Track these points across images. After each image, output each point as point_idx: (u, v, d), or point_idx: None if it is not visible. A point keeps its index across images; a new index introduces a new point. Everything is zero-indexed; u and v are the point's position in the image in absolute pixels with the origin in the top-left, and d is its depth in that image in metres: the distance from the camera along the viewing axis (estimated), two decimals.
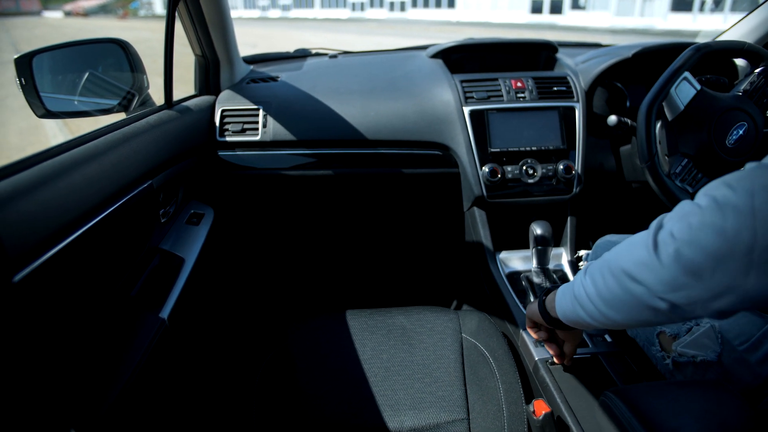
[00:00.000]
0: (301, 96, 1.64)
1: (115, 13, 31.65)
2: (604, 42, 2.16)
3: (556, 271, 1.48)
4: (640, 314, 0.70)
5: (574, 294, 0.83)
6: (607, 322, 0.76)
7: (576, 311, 0.82)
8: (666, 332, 1.02)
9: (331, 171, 1.62)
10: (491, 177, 1.48)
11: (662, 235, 0.66)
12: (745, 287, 0.58)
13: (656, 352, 1.03)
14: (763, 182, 0.58)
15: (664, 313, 0.67)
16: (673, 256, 0.63)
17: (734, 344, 0.93)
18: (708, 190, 0.63)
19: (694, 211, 0.63)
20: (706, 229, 0.60)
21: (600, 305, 0.75)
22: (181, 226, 1.44)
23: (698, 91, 1.27)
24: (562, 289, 0.89)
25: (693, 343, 0.97)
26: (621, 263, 0.72)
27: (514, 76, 1.61)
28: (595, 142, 1.63)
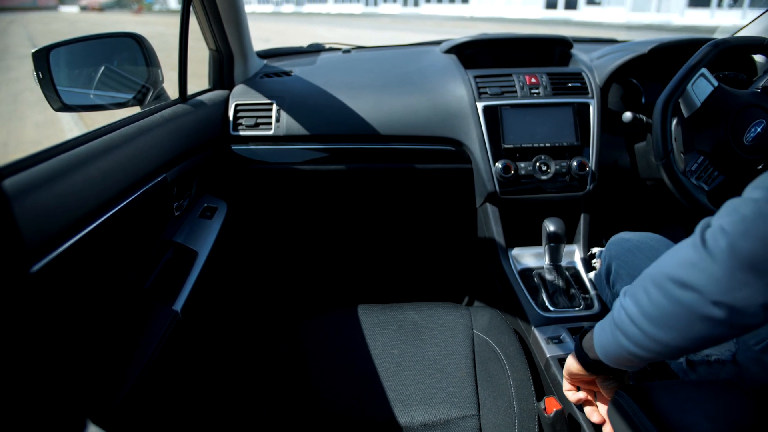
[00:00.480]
0: (315, 91, 1.64)
1: (129, 8, 31.86)
2: (620, 38, 2.14)
3: (568, 269, 1.47)
4: (693, 328, 0.61)
5: (614, 321, 0.72)
6: (656, 348, 0.66)
7: (618, 341, 0.71)
8: None
9: (343, 166, 1.62)
10: (504, 173, 1.48)
11: (711, 232, 0.59)
12: None
13: None
14: None
15: (723, 323, 0.58)
16: (727, 251, 0.56)
17: (750, 344, 0.92)
18: (760, 183, 0.58)
19: (746, 203, 0.58)
20: (765, 218, 0.54)
21: (645, 326, 0.66)
22: (194, 220, 1.45)
23: (716, 87, 1.26)
24: (600, 324, 0.78)
25: None
26: (665, 270, 0.64)
27: (528, 71, 1.60)
28: (609, 139, 1.62)
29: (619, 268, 1.19)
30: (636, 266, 1.15)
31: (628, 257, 1.18)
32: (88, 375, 0.90)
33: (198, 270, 1.26)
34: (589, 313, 1.32)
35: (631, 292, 0.70)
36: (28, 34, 23.33)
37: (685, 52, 1.47)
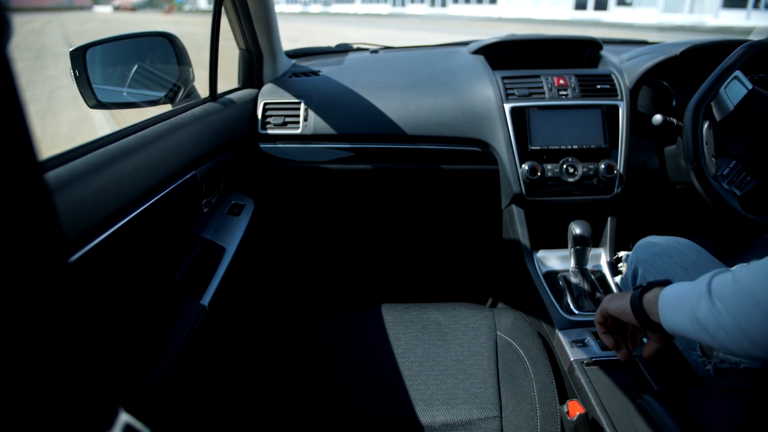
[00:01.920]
0: (342, 90, 1.65)
1: (160, 8, 32.44)
2: (651, 39, 2.10)
3: (594, 272, 1.46)
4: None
5: (696, 317, 0.70)
6: (741, 353, 0.66)
7: (698, 335, 0.70)
8: None
9: (370, 165, 1.63)
10: (531, 175, 1.47)
11: None
12: None
13: (697, 357, 1.01)
14: None
15: None
16: None
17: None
18: None
19: None
20: None
21: (741, 340, 0.64)
22: (222, 216, 1.47)
23: (750, 90, 1.23)
24: (673, 299, 0.76)
25: None
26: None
27: (557, 73, 1.58)
28: (638, 142, 1.60)
29: (646, 273, 1.18)
30: (663, 271, 1.14)
31: (656, 262, 1.16)
32: (121, 364, 0.92)
33: (225, 266, 1.28)
34: None
35: (725, 302, 0.67)
36: (64, 33, 23.90)
37: (719, 54, 1.44)
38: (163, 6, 32.29)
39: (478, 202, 1.73)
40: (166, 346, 1.00)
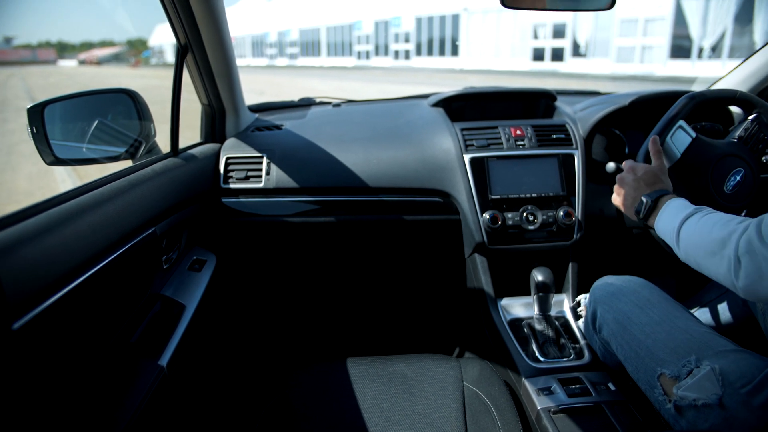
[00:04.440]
0: (305, 144, 1.67)
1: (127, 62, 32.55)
2: (604, 90, 2.20)
3: (558, 318, 1.48)
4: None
5: (677, 236, 0.99)
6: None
7: (672, 242, 1.00)
8: (667, 374, 1.01)
9: (333, 218, 1.63)
10: (492, 224, 1.49)
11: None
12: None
13: (658, 395, 1.02)
14: None
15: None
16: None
17: (736, 387, 0.91)
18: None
19: None
20: None
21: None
22: (183, 273, 1.45)
23: (694, 138, 1.29)
24: (670, 222, 1.03)
25: (694, 385, 0.95)
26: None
27: (514, 124, 1.64)
28: (595, 189, 1.65)
29: (604, 313, 1.20)
30: (620, 310, 1.16)
31: (613, 301, 1.19)
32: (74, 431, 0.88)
33: (185, 323, 1.25)
34: (579, 363, 1.31)
35: (684, 242, 0.97)
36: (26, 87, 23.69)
37: (665, 103, 1.51)
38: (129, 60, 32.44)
39: (441, 252, 1.74)
40: (121, 409, 0.96)
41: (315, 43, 33.73)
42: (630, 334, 1.13)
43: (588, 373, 1.28)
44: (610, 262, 1.85)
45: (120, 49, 33.98)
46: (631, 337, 1.12)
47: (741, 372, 0.93)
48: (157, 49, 28.38)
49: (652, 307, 1.14)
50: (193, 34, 1.40)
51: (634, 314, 1.14)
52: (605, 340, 1.21)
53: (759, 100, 1.34)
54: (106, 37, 41.63)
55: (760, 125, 1.32)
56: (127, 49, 30.56)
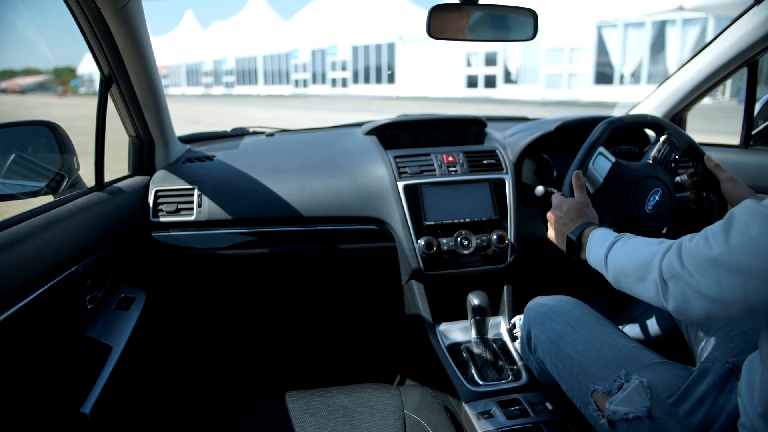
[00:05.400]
0: (238, 175, 1.64)
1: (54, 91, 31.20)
2: (533, 115, 2.28)
3: (495, 340, 1.49)
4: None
5: (606, 265, 1.01)
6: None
7: (600, 268, 1.03)
8: (599, 390, 1.04)
9: (268, 249, 1.61)
10: (427, 249, 1.51)
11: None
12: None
13: (593, 411, 1.05)
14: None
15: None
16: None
17: (662, 398, 0.96)
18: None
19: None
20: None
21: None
22: (109, 312, 1.38)
23: (613, 163, 1.35)
24: (596, 253, 1.05)
25: (624, 400, 0.99)
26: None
27: (446, 150, 1.67)
28: (526, 212, 1.69)
29: (538, 333, 1.23)
30: (553, 329, 1.20)
31: (546, 321, 1.23)
32: None
33: (111, 366, 1.19)
34: (517, 384, 1.33)
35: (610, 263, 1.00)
36: None
37: (587, 128, 1.58)
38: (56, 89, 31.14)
39: (378, 280, 1.74)
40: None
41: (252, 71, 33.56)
42: (563, 352, 1.16)
43: (526, 393, 1.30)
44: (544, 283, 1.90)
45: (46, 78, 32.56)
46: (565, 355, 1.15)
47: (667, 383, 0.97)
48: (86, 77, 27.45)
49: (583, 325, 1.18)
50: (116, 65, 1.36)
51: (566, 333, 1.18)
52: (540, 359, 1.24)
53: (668, 123, 1.42)
54: (30, 65, 39.73)
55: (671, 146, 1.39)
56: (53, 78, 29.34)
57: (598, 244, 1.05)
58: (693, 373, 1.00)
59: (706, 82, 1.77)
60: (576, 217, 1.18)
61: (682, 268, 0.79)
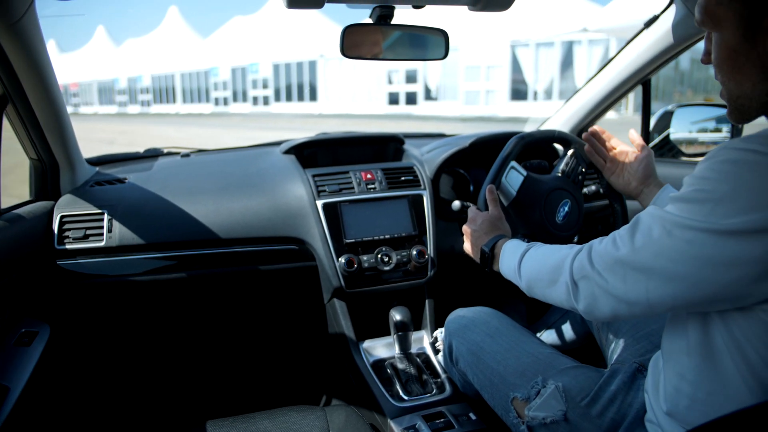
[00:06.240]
0: (151, 197, 1.58)
1: None
2: (453, 131, 2.33)
3: (419, 355, 1.51)
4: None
5: (519, 272, 1.04)
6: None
7: (516, 280, 1.06)
8: (518, 397, 1.08)
9: (185, 273, 1.55)
10: (348, 267, 1.51)
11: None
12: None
13: (513, 419, 1.08)
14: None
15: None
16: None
17: (577, 401, 1.00)
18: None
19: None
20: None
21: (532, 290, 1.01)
22: (8, 348, 1.28)
23: (525, 176, 1.40)
24: (508, 265, 1.08)
25: (542, 405, 1.03)
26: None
27: (364, 168, 1.68)
28: (445, 226, 1.73)
29: (459, 345, 1.26)
30: (473, 341, 1.22)
31: (466, 333, 1.25)
32: None
33: (9, 408, 1.10)
34: (441, 397, 1.35)
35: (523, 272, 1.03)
36: None
37: (499, 143, 1.63)
38: None
39: (301, 300, 1.73)
40: None
41: (169, 89, 32.61)
42: (483, 363, 1.18)
43: (450, 405, 1.32)
44: (466, 295, 1.94)
45: None
46: (485, 365, 1.18)
47: (580, 386, 1.02)
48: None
49: (501, 335, 1.22)
50: (12, 84, 1.28)
51: (485, 344, 1.21)
52: (462, 371, 1.26)
53: (574, 137, 1.50)
54: None
55: (578, 159, 1.47)
56: None
57: (511, 255, 1.08)
58: (604, 374, 1.05)
59: (607, 99, 1.89)
60: (489, 230, 1.21)
61: (592, 268, 0.83)
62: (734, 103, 0.80)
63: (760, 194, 0.65)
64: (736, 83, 0.78)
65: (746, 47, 0.74)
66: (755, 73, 0.75)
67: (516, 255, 1.06)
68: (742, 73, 0.76)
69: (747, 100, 0.78)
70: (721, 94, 0.83)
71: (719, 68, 0.80)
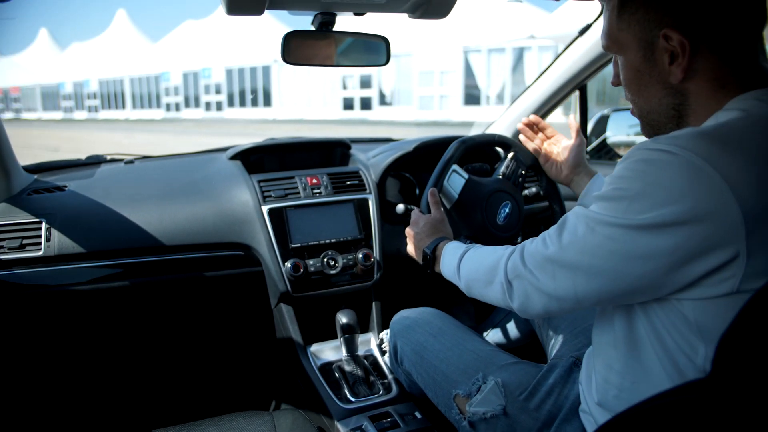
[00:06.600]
0: (92, 205, 1.55)
1: None
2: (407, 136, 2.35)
3: (367, 357, 1.53)
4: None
5: (458, 273, 1.07)
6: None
7: (453, 278, 1.09)
8: (460, 394, 1.11)
9: (128, 282, 1.53)
10: (294, 272, 1.51)
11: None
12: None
13: (455, 415, 1.11)
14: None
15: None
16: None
17: (515, 395, 1.04)
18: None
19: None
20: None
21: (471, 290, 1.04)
22: None
23: (467, 179, 1.44)
24: (449, 266, 1.10)
25: (482, 400, 1.06)
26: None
27: (310, 173, 1.69)
28: (391, 229, 1.75)
29: (403, 345, 1.28)
30: (416, 341, 1.25)
31: (410, 333, 1.28)
32: None
33: None
34: (388, 397, 1.37)
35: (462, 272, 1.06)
36: None
37: (443, 148, 1.67)
38: None
39: (248, 305, 1.72)
40: None
41: (118, 94, 31.76)
42: (427, 362, 1.21)
43: (397, 405, 1.34)
44: (413, 297, 1.97)
45: None
46: (428, 364, 1.21)
47: (519, 381, 1.06)
48: None
49: (444, 334, 1.25)
50: None
51: (428, 343, 1.24)
52: (407, 371, 1.28)
53: (514, 141, 1.55)
54: None
55: (518, 162, 1.52)
56: None
57: (451, 256, 1.11)
58: (543, 369, 1.09)
59: (546, 104, 1.96)
60: (431, 233, 1.24)
61: (524, 267, 0.87)
62: (645, 119, 0.88)
63: (669, 190, 0.69)
64: (644, 100, 0.86)
65: (648, 66, 0.82)
66: (659, 89, 0.82)
67: (455, 256, 1.09)
68: (648, 90, 0.84)
69: (656, 115, 0.85)
70: (632, 112, 0.90)
71: (628, 88, 0.87)
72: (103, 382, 1.87)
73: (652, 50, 0.80)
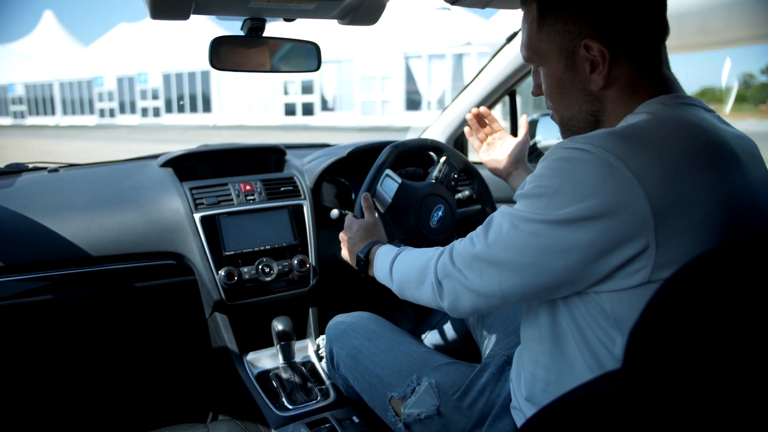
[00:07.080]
0: (12, 216, 1.48)
1: None
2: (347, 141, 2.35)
3: (304, 364, 1.52)
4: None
5: (391, 276, 1.08)
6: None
7: (387, 282, 1.10)
8: (395, 396, 1.12)
9: (52, 295, 1.46)
10: (228, 280, 1.49)
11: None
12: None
13: (391, 417, 1.12)
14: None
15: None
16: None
17: (449, 395, 1.06)
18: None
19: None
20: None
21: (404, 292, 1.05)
22: None
23: (400, 184, 1.46)
24: (382, 269, 1.12)
25: (417, 402, 1.07)
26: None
27: (243, 179, 1.67)
28: (327, 235, 1.75)
29: (339, 350, 1.29)
30: (352, 345, 1.26)
31: (345, 338, 1.29)
32: None
33: None
34: (326, 403, 1.37)
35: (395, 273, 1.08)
36: None
37: (376, 153, 1.69)
38: None
39: (181, 315, 1.68)
40: None
41: (47, 99, 30.36)
42: (362, 366, 1.22)
43: (334, 411, 1.34)
44: (351, 302, 1.97)
45: None
46: (364, 368, 1.21)
47: (452, 381, 1.08)
48: None
49: (379, 338, 1.26)
50: None
51: (364, 347, 1.24)
52: (344, 375, 1.29)
53: (446, 146, 1.58)
54: None
55: (450, 167, 1.55)
56: None
57: (383, 259, 1.12)
58: (476, 369, 1.11)
59: None
60: (365, 237, 1.25)
61: (453, 267, 0.89)
62: (566, 125, 0.92)
63: (585, 186, 0.73)
64: (565, 107, 0.89)
65: (570, 75, 0.85)
66: (580, 97, 0.86)
67: (388, 259, 1.10)
68: (569, 98, 0.88)
69: (577, 121, 0.89)
70: (552, 117, 0.94)
71: (550, 97, 0.91)
72: (30, 400, 1.78)
73: (573, 60, 0.83)
